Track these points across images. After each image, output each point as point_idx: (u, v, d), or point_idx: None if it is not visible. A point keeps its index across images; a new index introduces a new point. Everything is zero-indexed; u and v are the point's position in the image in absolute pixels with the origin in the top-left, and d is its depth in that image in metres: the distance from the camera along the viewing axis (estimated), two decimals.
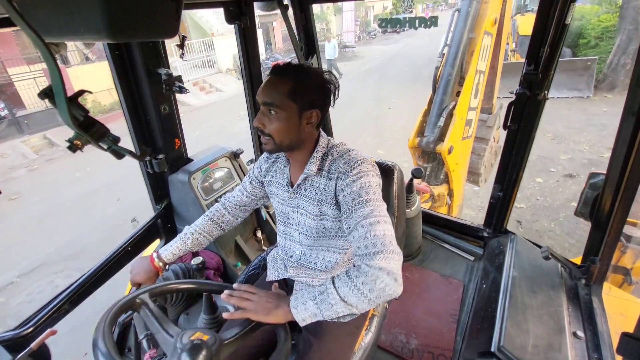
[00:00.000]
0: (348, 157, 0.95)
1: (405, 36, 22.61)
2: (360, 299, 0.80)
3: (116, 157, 0.79)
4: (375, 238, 0.82)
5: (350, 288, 0.80)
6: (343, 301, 0.81)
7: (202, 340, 0.74)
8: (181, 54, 1.49)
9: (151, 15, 0.67)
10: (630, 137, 1.15)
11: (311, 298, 0.84)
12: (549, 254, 1.42)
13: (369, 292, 0.79)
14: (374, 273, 0.79)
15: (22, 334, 1.17)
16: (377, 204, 0.88)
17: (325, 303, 0.82)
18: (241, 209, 1.22)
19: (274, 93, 0.91)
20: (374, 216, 0.85)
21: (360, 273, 0.80)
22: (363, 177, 0.90)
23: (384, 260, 0.80)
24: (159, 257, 1.10)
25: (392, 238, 0.84)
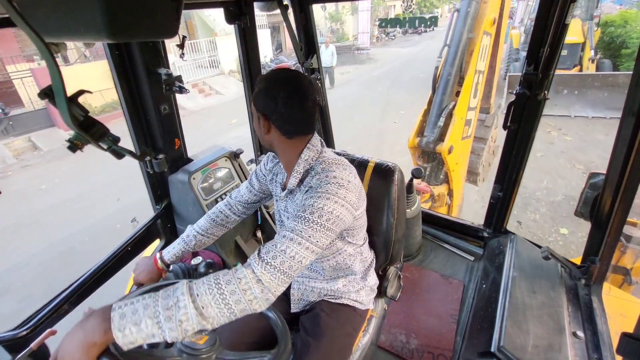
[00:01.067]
0: (326, 176, 0.88)
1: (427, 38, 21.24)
2: (222, 311, 0.68)
3: (116, 157, 0.79)
4: (282, 253, 0.75)
5: (213, 297, 0.68)
6: (200, 315, 0.66)
7: (201, 341, 0.74)
8: (181, 54, 1.49)
9: (151, 15, 0.67)
10: (630, 137, 1.15)
11: (150, 315, 0.65)
12: (549, 254, 1.42)
13: (234, 304, 0.69)
14: (249, 282, 0.70)
15: (21, 334, 1.17)
16: (315, 227, 0.79)
17: (172, 321, 0.65)
18: (248, 207, 1.21)
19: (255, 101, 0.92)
20: (300, 236, 0.78)
21: (234, 278, 0.71)
22: (323, 199, 0.82)
23: (269, 275, 0.72)
24: (161, 259, 1.11)
25: (298, 265, 0.76)
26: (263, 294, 0.72)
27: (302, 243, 0.77)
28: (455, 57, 3.13)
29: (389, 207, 1.21)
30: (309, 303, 1.17)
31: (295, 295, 1.18)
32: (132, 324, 0.64)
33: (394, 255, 1.27)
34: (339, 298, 1.14)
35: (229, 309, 0.69)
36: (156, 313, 0.65)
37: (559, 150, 6.28)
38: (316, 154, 0.95)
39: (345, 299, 1.14)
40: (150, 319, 0.65)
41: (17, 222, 5.13)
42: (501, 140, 1.82)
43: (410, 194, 2.02)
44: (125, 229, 1.89)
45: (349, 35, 20.16)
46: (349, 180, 0.89)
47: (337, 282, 1.12)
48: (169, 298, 0.68)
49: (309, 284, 1.15)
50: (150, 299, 0.67)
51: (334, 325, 1.08)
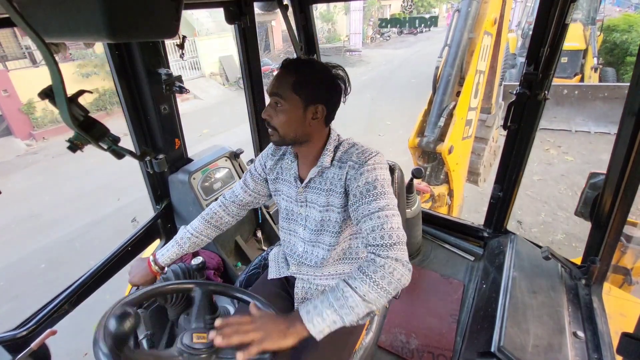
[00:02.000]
0: (361, 147, 0.98)
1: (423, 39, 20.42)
2: (380, 293, 0.80)
3: (116, 157, 0.79)
4: (391, 230, 0.86)
5: (369, 285, 0.80)
6: (364, 301, 0.80)
7: (201, 341, 0.74)
8: (181, 54, 1.49)
9: (151, 15, 0.67)
10: (630, 137, 1.15)
11: (327, 306, 0.79)
12: (549, 254, 1.42)
13: (388, 285, 0.81)
14: (391, 264, 0.82)
15: (22, 334, 1.17)
16: (391, 197, 0.91)
17: (345, 308, 0.79)
18: (242, 207, 1.19)
19: (280, 85, 0.92)
20: (389, 209, 0.88)
21: (377, 267, 0.82)
22: (377, 170, 0.92)
23: (400, 252, 0.84)
24: (155, 262, 1.10)
25: (402, 230, 0.88)
26: (404, 267, 0.84)
27: (389, 213, 0.88)
28: (455, 57, 3.13)
29: None
30: None
31: (299, 294, 1.18)
32: (317, 316, 0.79)
33: None
34: None
35: (384, 290, 0.81)
36: (331, 304, 0.80)
37: (559, 172, 5.53)
38: (336, 134, 1.04)
39: None
40: (329, 309, 0.79)
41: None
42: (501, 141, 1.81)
43: (411, 194, 2.02)
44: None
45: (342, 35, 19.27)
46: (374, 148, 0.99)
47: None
48: (335, 292, 0.82)
49: (313, 281, 1.15)
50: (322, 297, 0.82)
51: None
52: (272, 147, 1.14)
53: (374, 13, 21.08)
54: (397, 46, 18.99)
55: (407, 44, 19.55)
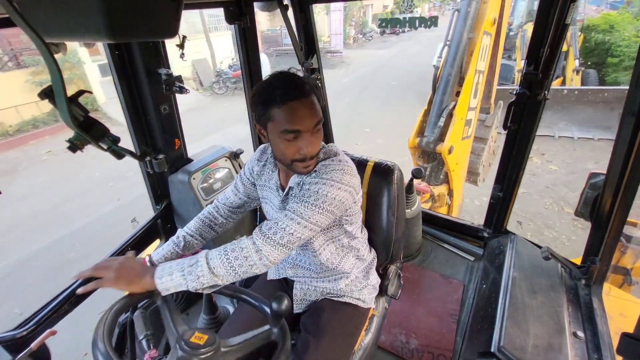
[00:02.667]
0: (331, 161, 0.95)
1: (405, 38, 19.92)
2: (229, 271, 0.85)
3: (116, 157, 0.79)
4: (282, 230, 0.86)
5: (221, 261, 0.85)
6: (212, 273, 0.84)
7: (201, 341, 0.74)
8: (181, 54, 1.49)
9: (151, 15, 0.67)
10: (630, 137, 1.15)
11: (179, 269, 0.85)
12: (549, 254, 1.42)
13: (238, 267, 0.85)
14: (251, 251, 0.85)
15: (22, 334, 1.17)
16: (317, 211, 0.87)
17: (193, 275, 0.84)
18: (234, 211, 1.19)
19: (317, 109, 0.88)
20: (301, 217, 0.87)
21: (237, 247, 0.86)
22: (330, 187, 0.88)
23: (270, 247, 0.86)
24: (150, 262, 1.09)
25: (297, 240, 0.87)
26: (261, 261, 0.86)
27: (301, 223, 0.87)
28: (455, 57, 3.13)
29: (389, 206, 1.21)
30: (311, 303, 1.17)
31: (297, 295, 1.18)
32: (167, 274, 0.85)
33: (394, 254, 1.27)
34: (341, 297, 1.13)
35: (233, 270, 0.85)
36: (182, 268, 0.85)
37: (544, 184, 5.26)
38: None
39: (347, 297, 1.14)
40: (178, 272, 0.85)
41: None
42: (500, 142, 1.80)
43: (411, 194, 2.02)
44: None
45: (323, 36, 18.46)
46: (350, 164, 0.96)
47: (340, 282, 1.12)
48: (192, 260, 0.86)
49: (311, 283, 1.15)
50: (180, 260, 0.87)
51: (336, 324, 1.08)
52: (259, 153, 1.14)
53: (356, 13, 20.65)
54: (379, 46, 18.49)
55: (389, 44, 19.07)
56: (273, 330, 0.81)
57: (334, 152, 0.99)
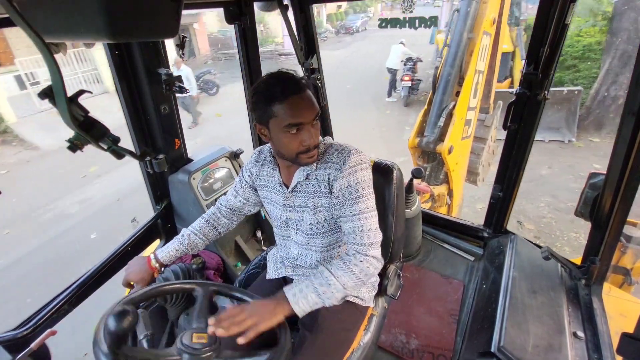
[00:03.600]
0: (339, 147, 1.00)
1: (359, 38, 19.35)
2: (356, 283, 0.95)
3: (116, 157, 0.79)
4: (369, 231, 0.95)
5: (349, 277, 0.93)
6: (344, 288, 0.93)
7: (201, 341, 0.74)
8: (181, 54, 1.49)
9: (151, 15, 0.67)
10: (630, 137, 1.15)
11: (312, 291, 0.92)
12: (549, 254, 1.42)
13: (364, 277, 0.95)
14: (370, 261, 0.95)
15: (22, 334, 1.17)
16: (370, 197, 0.97)
17: (328, 293, 0.92)
18: (234, 213, 1.22)
19: (314, 102, 0.92)
20: (368, 211, 0.96)
21: (358, 262, 0.94)
22: (358, 171, 0.95)
23: (376, 250, 0.97)
24: (156, 259, 1.10)
25: (379, 230, 0.98)
26: (379, 263, 0.98)
27: (368, 216, 0.96)
28: (455, 57, 3.13)
29: (388, 206, 1.21)
30: None
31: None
32: (303, 299, 0.91)
33: (393, 254, 1.26)
34: None
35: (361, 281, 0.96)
36: (315, 290, 0.92)
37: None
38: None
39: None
40: (314, 294, 0.92)
41: None
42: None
43: (410, 194, 2.02)
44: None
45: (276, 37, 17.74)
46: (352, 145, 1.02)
47: None
48: (319, 279, 0.94)
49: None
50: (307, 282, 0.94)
51: (333, 320, 1.08)
52: (256, 154, 1.15)
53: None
54: (334, 47, 17.63)
55: (344, 44, 18.47)
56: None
57: (332, 142, 1.04)
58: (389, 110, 8.85)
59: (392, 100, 9.38)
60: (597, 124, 6.45)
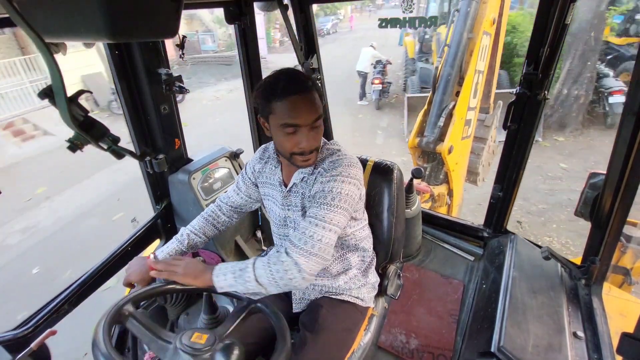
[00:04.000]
0: (337, 156, 0.98)
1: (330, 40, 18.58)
2: (271, 282, 0.89)
3: (116, 157, 0.79)
4: (311, 238, 0.89)
5: (265, 271, 0.89)
6: (256, 281, 0.89)
7: (201, 340, 0.74)
8: (181, 54, 1.49)
9: (151, 15, 0.67)
10: (630, 137, 1.14)
11: (231, 271, 0.92)
12: (549, 254, 1.42)
13: (279, 280, 0.88)
14: (289, 265, 0.87)
15: (22, 334, 1.17)
16: (337, 211, 0.91)
17: (241, 279, 0.90)
18: (235, 210, 1.21)
19: (317, 105, 0.90)
20: (324, 221, 0.90)
21: (279, 261, 0.89)
22: (339, 182, 0.92)
23: (304, 259, 0.88)
24: (155, 259, 1.10)
25: (326, 246, 0.90)
26: (300, 274, 0.88)
27: (325, 227, 0.90)
28: (455, 57, 3.13)
29: (389, 206, 1.21)
30: (310, 301, 1.17)
31: (297, 294, 1.18)
32: (222, 274, 0.92)
33: (393, 254, 1.27)
34: (340, 294, 1.14)
35: (275, 282, 0.88)
36: (234, 271, 0.91)
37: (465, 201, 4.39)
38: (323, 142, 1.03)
39: (346, 295, 1.14)
40: (231, 274, 0.91)
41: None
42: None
43: (410, 194, 2.02)
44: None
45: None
46: (353, 158, 1.00)
47: (339, 279, 1.12)
48: (242, 264, 0.92)
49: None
50: (234, 263, 0.94)
51: (333, 321, 1.08)
52: (260, 151, 1.16)
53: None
54: None
55: None
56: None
57: (336, 149, 1.02)
58: (362, 114, 8.64)
59: (364, 104, 9.19)
60: (560, 123, 6.64)
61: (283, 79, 0.88)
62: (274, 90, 0.87)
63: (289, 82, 0.87)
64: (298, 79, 0.89)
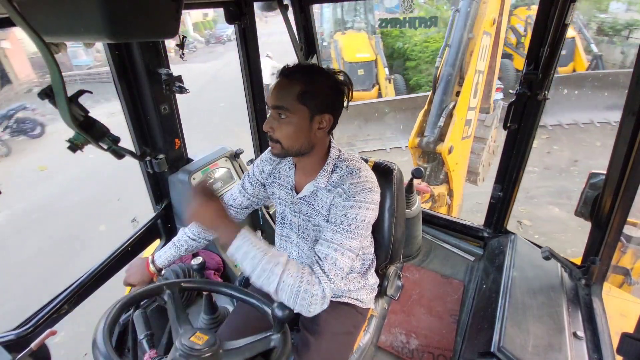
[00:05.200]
0: (358, 178, 0.94)
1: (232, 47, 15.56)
2: (289, 298, 0.84)
3: (116, 157, 0.79)
4: (337, 269, 0.88)
5: (291, 288, 0.83)
6: (275, 290, 0.84)
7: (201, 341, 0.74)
8: (181, 55, 1.49)
9: (151, 15, 0.67)
10: (630, 137, 1.14)
11: (256, 257, 0.84)
12: (549, 254, 1.42)
13: (301, 301, 0.84)
14: (317, 294, 0.85)
15: (22, 334, 1.17)
16: (357, 239, 0.90)
17: (263, 277, 0.84)
18: (241, 211, 1.19)
19: (284, 96, 0.87)
20: (347, 250, 0.89)
21: (310, 285, 0.85)
22: (362, 209, 0.90)
23: (330, 290, 0.87)
24: (153, 263, 1.10)
25: (342, 273, 0.89)
26: (321, 304, 0.87)
27: (347, 255, 0.89)
28: (455, 57, 3.13)
29: (389, 207, 1.21)
30: None
31: None
32: (243, 252, 0.85)
33: (393, 255, 1.26)
34: (339, 297, 1.14)
35: (293, 302, 0.84)
36: (255, 265, 0.84)
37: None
38: (337, 151, 1.01)
39: (345, 297, 1.14)
40: (253, 261, 0.84)
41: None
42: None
43: (411, 194, 2.02)
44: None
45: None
46: (373, 179, 0.97)
47: None
48: (272, 260, 0.84)
49: None
50: (261, 255, 0.84)
51: (334, 324, 1.08)
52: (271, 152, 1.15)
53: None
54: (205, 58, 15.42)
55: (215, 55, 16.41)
56: (275, 336, 0.80)
57: (357, 168, 0.97)
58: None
59: None
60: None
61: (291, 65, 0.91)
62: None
63: (289, 67, 0.90)
64: (293, 65, 0.90)
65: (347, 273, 0.91)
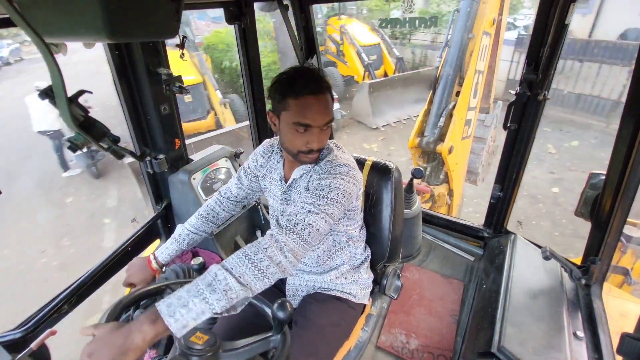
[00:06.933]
0: (334, 157, 0.99)
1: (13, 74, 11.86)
2: (257, 276, 0.75)
3: (116, 157, 0.80)
4: (301, 220, 0.83)
5: (246, 267, 0.75)
6: (239, 283, 0.73)
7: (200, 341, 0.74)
8: (181, 55, 1.49)
9: (151, 15, 0.67)
10: (630, 137, 1.15)
11: (195, 295, 0.70)
12: (549, 254, 1.42)
13: (266, 269, 0.76)
14: (273, 248, 0.78)
15: (22, 334, 1.17)
16: (330, 203, 0.88)
17: (218, 293, 0.70)
18: (236, 204, 1.23)
19: (329, 108, 0.90)
20: (317, 209, 0.86)
21: (260, 247, 0.78)
22: (337, 179, 0.92)
23: (291, 240, 0.80)
24: (155, 260, 1.11)
25: (315, 232, 0.84)
26: (287, 259, 0.79)
27: (318, 214, 0.85)
28: (455, 57, 3.13)
29: (387, 206, 1.21)
30: (303, 298, 1.18)
31: (290, 291, 1.19)
32: (181, 307, 0.68)
33: (392, 254, 1.27)
34: (330, 290, 1.14)
35: (262, 274, 0.76)
36: (200, 291, 0.70)
37: None
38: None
39: (336, 291, 1.14)
40: (197, 297, 0.69)
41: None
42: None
43: (411, 194, 2.02)
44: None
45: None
46: (350, 160, 1.00)
47: (329, 274, 1.13)
48: (207, 277, 0.73)
49: (302, 276, 1.16)
50: (190, 284, 0.72)
51: (322, 316, 1.08)
52: (265, 146, 1.17)
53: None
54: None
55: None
56: (275, 337, 0.80)
57: (335, 153, 1.03)
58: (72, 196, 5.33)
59: (73, 174, 5.93)
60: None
61: (301, 77, 0.88)
62: (291, 87, 0.87)
63: (307, 81, 0.88)
64: (316, 79, 0.89)
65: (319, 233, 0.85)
